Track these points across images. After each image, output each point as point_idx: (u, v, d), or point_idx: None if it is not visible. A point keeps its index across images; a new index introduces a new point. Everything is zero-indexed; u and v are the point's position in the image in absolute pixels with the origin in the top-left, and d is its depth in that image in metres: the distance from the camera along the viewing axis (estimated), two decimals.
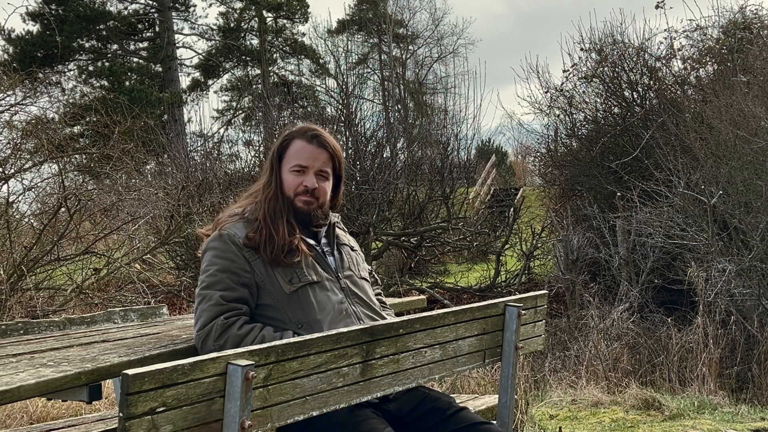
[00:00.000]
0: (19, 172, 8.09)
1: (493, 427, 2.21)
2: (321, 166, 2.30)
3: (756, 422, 4.76)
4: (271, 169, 2.33)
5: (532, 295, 2.68)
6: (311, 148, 2.30)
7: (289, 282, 2.18)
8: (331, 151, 2.32)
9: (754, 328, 6.98)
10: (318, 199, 2.30)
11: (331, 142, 2.33)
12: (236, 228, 2.23)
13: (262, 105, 20.91)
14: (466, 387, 4.96)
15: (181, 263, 10.35)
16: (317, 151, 2.30)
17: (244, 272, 2.17)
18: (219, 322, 2.08)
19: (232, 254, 2.18)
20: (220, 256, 2.18)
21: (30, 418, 4.46)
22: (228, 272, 2.16)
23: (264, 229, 2.19)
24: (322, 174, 2.31)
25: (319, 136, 2.32)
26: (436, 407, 2.23)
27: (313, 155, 2.30)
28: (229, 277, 2.15)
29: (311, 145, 2.30)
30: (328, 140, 2.33)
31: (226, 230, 2.22)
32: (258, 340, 2.07)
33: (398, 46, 31.56)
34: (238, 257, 2.18)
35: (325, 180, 2.33)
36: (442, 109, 21.68)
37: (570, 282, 9.46)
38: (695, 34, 11.39)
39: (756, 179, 7.71)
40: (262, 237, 2.18)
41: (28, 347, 2.18)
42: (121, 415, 1.44)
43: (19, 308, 6.93)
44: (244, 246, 2.18)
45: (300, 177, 2.29)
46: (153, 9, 27.28)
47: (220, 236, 2.22)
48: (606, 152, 11.13)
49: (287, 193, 2.29)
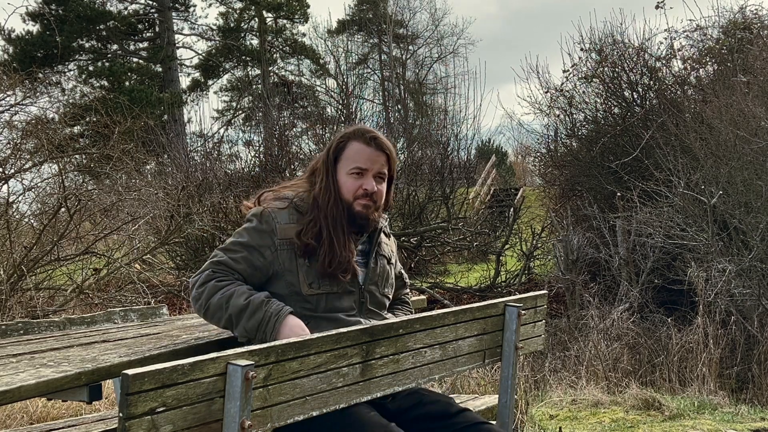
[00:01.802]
0: (19, 172, 8.10)
1: (493, 427, 2.21)
2: (379, 168, 2.27)
3: (756, 422, 4.76)
4: (326, 171, 2.27)
5: (532, 295, 2.68)
6: (370, 151, 2.25)
7: (309, 285, 2.18)
8: (388, 153, 2.29)
9: (754, 328, 6.98)
10: (376, 203, 2.27)
11: (387, 145, 2.30)
12: (280, 214, 2.20)
13: (262, 105, 20.91)
14: (466, 387, 4.96)
15: (181, 263, 10.36)
16: (375, 154, 2.26)
17: (261, 257, 2.18)
18: (206, 274, 2.16)
19: (263, 234, 2.19)
20: (252, 231, 2.20)
21: (30, 418, 4.46)
22: (249, 249, 2.18)
23: (326, 240, 2.17)
24: (380, 176, 2.28)
25: (377, 138, 2.28)
26: (436, 408, 2.23)
27: (372, 158, 2.25)
28: (246, 256, 2.18)
29: (369, 147, 2.26)
30: (386, 143, 2.30)
31: (270, 209, 2.21)
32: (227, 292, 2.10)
33: (398, 46, 31.57)
34: (266, 241, 2.18)
35: (382, 182, 2.30)
36: (442, 109, 21.67)
37: (570, 282, 9.46)
38: (695, 34, 11.40)
39: (756, 179, 7.71)
40: (322, 247, 2.16)
41: (28, 347, 2.18)
42: (121, 415, 1.44)
43: (19, 308, 6.93)
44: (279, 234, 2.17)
45: (359, 180, 2.24)
46: (153, 9, 27.28)
47: (262, 212, 2.21)
48: (606, 152, 11.13)
49: (346, 196, 2.24)
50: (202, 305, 2.14)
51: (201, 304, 2.15)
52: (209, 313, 2.14)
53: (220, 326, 2.16)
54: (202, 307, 2.14)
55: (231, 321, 2.11)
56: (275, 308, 2.08)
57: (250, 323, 2.08)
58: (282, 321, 2.06)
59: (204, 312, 2.15)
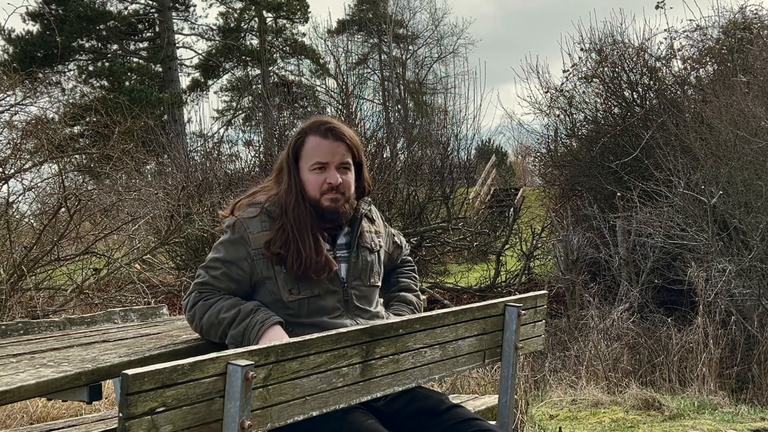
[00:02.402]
0: (19, 172, 8.10)
1: (485, 423, 2.20)
2: (340, 159, 2.22)
3: (756, 422, 4.76)
4: (288, 171, 2.24)
5: (532, 295, 2.68)
6: (327, 143, 2.21)
7: (289, 292, 2.17)
8: (348, 141, 2.23)
9: (754, 328, 6.98)
10: (344, 194, 2.23)
11: (347, 132, 2.24)
12: (252, 223, 2.19)
13: (262, 105, 20.90)
14: (466, 387, 4.96)
15: (181, 263, 10.35)
16: (334, 145, 2.21)
17: (240, 270, 2.18)
18: (193, 296, 2.19)
19: (238, 247, 2.18)
20: (227, 245, 2.20)
21: (30, 418, 4.46)
22: (226, 264, 2.18)
23: (292, 244, 2.14)
24: (343, 167, 2.23)
25: (333, 129, 2.23)
26: (427, 405, 2.22)
27: (331, 150, 2.21)
28: (225, 272, 2.18)
29: (327, 139, 2.21)
30: (343, 131, 2.24)
31: (242, 220, 2.20)
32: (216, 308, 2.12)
33: (398, 46, 31.57)
34: (241, 253, 2.17)
35: (347, 172, 2.25)
36: (442, 110, 21.65)
37: (570, 282, 9.45)
38: (695, 34, 11.39)
39: (756, 179, 7.71)
40: (290, 252, 2.14)
41: (28, 347, 2.18)
42: (121, 415, 1.44)
43: (19, 308, 6.93)
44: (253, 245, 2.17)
45: (322, 174, 2.20)
46: (153, 9, 27.29)
47: (234, 224, 2.21)
48: (606, 152, 11.13)
49: (311, 194, 2.21)
50: (197, 326, 2.18)
51: (195, 325, 2.19)
52: (205, 332, 2.17)
53: (218, 341, 2.17)
54: (197, 328, 2.19)
55: (225, 333, 2.12)
56: (262, 317, 2.09)
57: (236, 330, 2.09)
58: (266, 329, 2.06)
59: (200, 332, 2.19)
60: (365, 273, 2.29)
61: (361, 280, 2.28)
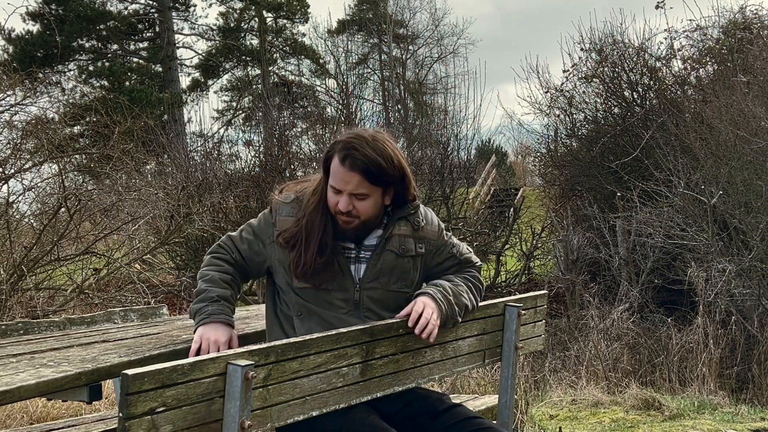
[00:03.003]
0: (19, 172, 8.09)
1: (485, 420, 2.20)
2: (353, 189, 2.14)
3: (756, 422, 4.76)
4: (323, 176, 2.22)
5: (532, 295, 2.68)
6: (342, 171, 2.13)
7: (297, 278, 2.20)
8: (360, 173, 2.11)
9: (754, 328, 6.98)
10: (359, 218, 2.18)
11: (361, 162, 2.10)
12: (284, 207, 2.26)
13: (262, 105, 20.89)
14: (466, 387, 4.96)
15: (181, 263, 10.35)
16: (348, 175, 2.12)
17: (260, 243, 2.27)
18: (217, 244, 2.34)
19: (268, 225, 2.27)
20: (261, 219, 2.32)
21: (30, 418, 4.46)
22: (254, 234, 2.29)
23: (298, 244, 2.18)
24: (357, 196, 2.15)
25: (349, 157, 2.11)
26: (427, 404, 2.22)
27: (344, 179, 2.13)
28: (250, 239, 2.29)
29: (343, 167, 2.13)
30: (359, 160, 2.10)
31: (277, 202, 2.28)
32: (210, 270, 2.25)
33: (398, 46, 31.55)
34: (268, 231, 2.27)
35: (365, 198, 2.16)
36: (442, 110, 21.64)
37: (570, 282, 9.45)
38: (695, 34, 11.39)
39: (756, 179, 7.71)
40: (294, 251, 2.18)
41: (28, 347, 2.18)
42: (121, 415, 1.45)
43: (19, 308, 6.93)
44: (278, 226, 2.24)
45: (336, 196, 2.16)
46: (153, 9, 27.27)
47: (271, 204, 2.31)
48: (606, 152, 11.13)
49: (330, 208, 2.20)
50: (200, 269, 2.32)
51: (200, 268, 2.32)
52: (197, 277, 2.30)
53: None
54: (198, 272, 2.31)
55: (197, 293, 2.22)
56: (213, 309, 2.13)
57: (195, 305, 2.17)
58: (208, 323, 2.10)
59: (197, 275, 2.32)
60: (385, 276, 2.24)
61: (380, 282, 2.23)
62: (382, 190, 2.18)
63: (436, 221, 2.37)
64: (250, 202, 9.91)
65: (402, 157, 2.21)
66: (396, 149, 2.20)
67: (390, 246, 2.25)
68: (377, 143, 2.14)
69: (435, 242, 2.33)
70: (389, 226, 2.26)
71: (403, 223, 2.28)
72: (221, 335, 2.07)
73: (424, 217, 2.32)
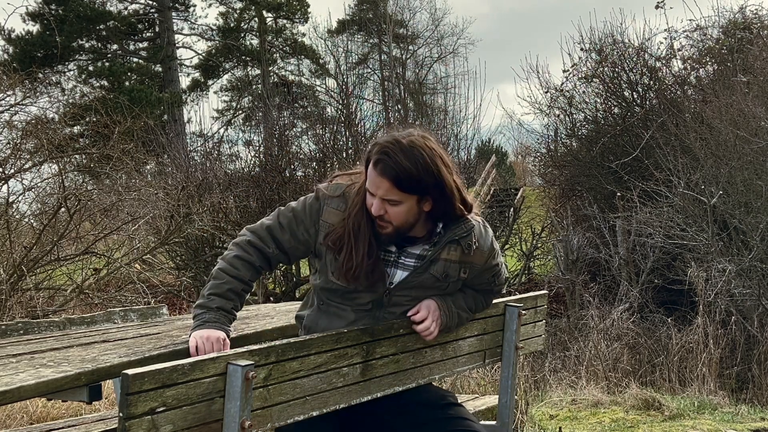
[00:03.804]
0: (19, 172, 8.09)
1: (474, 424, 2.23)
2: (383, 194, 2.08)
3: (756, 422, 4.77)
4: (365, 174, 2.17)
5: (532, 295, 2.68)
6: (374, 175, 2.08)
7: (333, 273, 2.17)
8: (390, 179, 2.06)
9: (754, 328, 6.98)
10: (391, 224, 2.12)
11: (391, 169, 2.05)
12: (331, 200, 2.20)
13: (262, 105, 20.89)
14: (466, 387, 4.96)
15: (181, 263, 10.35)
16: (378, 180, 2.08)
17: (305, 231, 2.20)
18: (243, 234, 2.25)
19: (312, 211, 2.21)
20: (305, 203, 2.23)
21: (30, 418, 4.46)
22: (294, 218, 2.21)
23: (345, 247, 2.13)
24: (388, 201, 2.10)
25: (381, 162, 2.07)
26: (426, 397, 2.26)
27: (376, 183, 2.09)
28: (290, 222, 2.21)
29: (375, 170, 2.08)
30: (389, 166, 2.06)
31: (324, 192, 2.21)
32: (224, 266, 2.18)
33: (398, 46, 31.53)
34: (313, 216, 2.20)
35: (396, 205, 2.10)
36: (442, 109, 21.65)
37: (570, 282, 9.46)
38: (695, 34, 11.40)
39: (756, 179, 7.71)
40: (342, 253, 2.13)
41: (28, 347, 2.18)
42: (121, 415, 1.44)
43: (19, 308, 6.93)
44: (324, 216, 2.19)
45: (371, 199, 2.12)
46: (153, 9, 27.28)
47: (318, 192, 2.23)
48: (606, 152, 11.14)
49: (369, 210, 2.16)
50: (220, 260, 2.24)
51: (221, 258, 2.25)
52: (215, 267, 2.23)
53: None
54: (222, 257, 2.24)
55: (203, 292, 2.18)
56: (212, 317, 2.11)
57: (195, 310, 2.15)
58: (204, 328, 2.08)
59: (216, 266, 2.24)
60: (418, 291, 2.21)
61: (411, 294, 2.20)
62: (417, 197, 2.10)
63: (488, 244, 2.27)
64: (250, 202, 9.91)
65: (444, 163, 2.12)
66: (436, 156, 2.10)
67: (433, 270, 2.19)
68: (413, 150, 2.07)
69: (479, 267, 2.27)
70: (438, 248, 2.19)
71: (454, 247, 2.20)
72: (213, 333, 2.07)
73: (477, 239, 2.24)
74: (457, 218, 2.19)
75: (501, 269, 2.35)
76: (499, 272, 2.34)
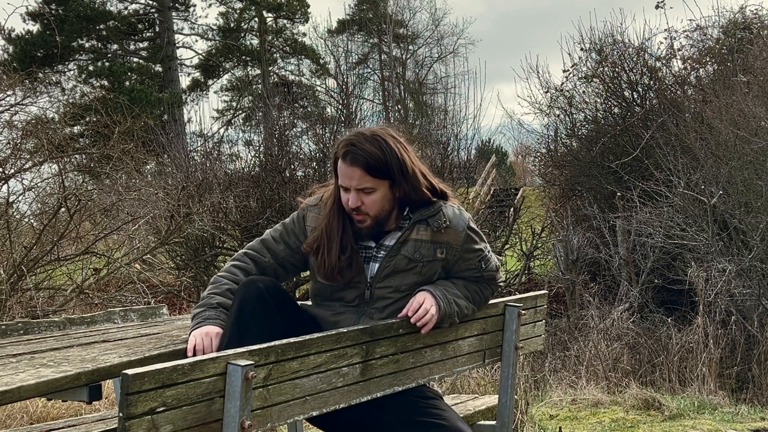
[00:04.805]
0: (19, 172, 8.10)
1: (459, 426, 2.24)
2: (357, 184, 2.18)
3: (756, 422, 4.77)
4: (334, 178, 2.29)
5: (532, 295, 2.68)
6: (344, 167, 2.19)
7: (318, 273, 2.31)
8: (361, 166, 2.15)
9: (754, 328, 6.98)
10: (369, 214, 2.22)
11: (360, 156, 2.15)
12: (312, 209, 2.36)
13: (262, 105, 20.91)
14: (466, 387, 4.96)
15: (181, 263, 10.34)
16: (350, 170, 2.17)
17: (296, 239, 2.35)
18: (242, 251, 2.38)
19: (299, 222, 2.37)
20: (293, 218, 2.40)
21: (30, 418, 4.46)
22: (288, 232, 2.37)
23: (321, 248, 2.26)
24: (363, 190, 2.19)
25: (349, 153, 2.17)
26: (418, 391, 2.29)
27: (348, 174, 2.18)
28: (282, 234, 2.37)
29: (345, 162, 2.18)
30: (358, 153, 2.15)
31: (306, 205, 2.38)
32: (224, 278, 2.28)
33: (398, 46, 31.53)
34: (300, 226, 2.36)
35: (371, 193, 2.19)
36: (442, 109, 21.67)
37: (570, 282, 9.45)
38: (695, 34, 11.40)
39: (756, 179, 7.71)
40: (319, 255, 2.26)
41: (28, 347, 2.18)
42: (121, 415, 1.45)
43: (19, 308, 6.93)
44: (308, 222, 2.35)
45: (346, 195, 2.22)
46: (153, 9, 27.27)
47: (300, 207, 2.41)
48: (606, 152, 11.14)
49: (345, 208, 2.25)
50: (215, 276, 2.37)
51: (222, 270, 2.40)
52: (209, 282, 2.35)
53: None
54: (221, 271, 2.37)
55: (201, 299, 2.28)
56: (210, 315, 2.17)
57: (195, 311, 2.23)
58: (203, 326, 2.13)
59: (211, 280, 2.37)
60: (396, 278, 2.25)
61: (390, 283, 2.25)
62: (389, 183, 2.20)
63: (463, 225, 2.29)
64: (250, 202, 9.90)
65: (406, 150, 2.24)
66: (398, 143, 2.22)
67: (404, 251, 2.24)
68: (376, 137, 2.20)
69: (457, 249, 2.28)
70: (407, 229, 2.26)
71: (423, 226, 2.26)
72: (213, 329, 2.12)
73: (448, 218, 2.27)
74: (427, 204, 2.28)
75: (486, 255, 2.36)
76: (484, 257, 2.35)
